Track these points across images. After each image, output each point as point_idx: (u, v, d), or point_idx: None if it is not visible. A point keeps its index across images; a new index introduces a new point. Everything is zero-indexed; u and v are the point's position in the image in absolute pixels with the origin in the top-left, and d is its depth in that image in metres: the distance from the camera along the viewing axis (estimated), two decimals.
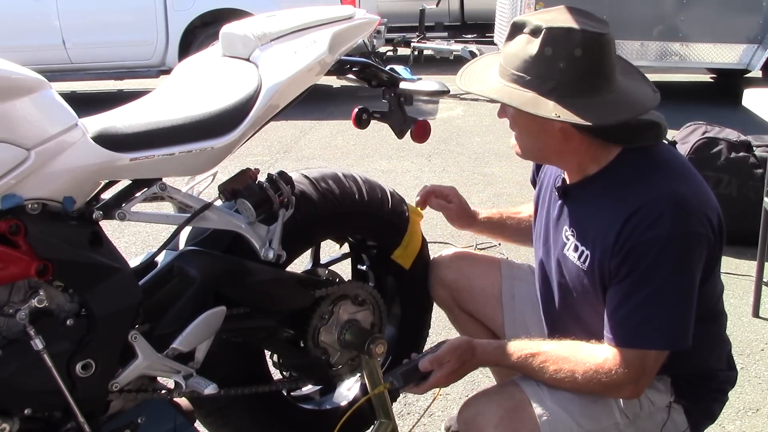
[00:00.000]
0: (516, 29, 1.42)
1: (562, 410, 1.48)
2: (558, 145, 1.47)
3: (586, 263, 1.50)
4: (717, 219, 1.44)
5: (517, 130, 1.51)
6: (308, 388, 2.03)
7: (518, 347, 1.52)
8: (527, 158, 1.59)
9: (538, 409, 1.47)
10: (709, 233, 1.41)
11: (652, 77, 1.58)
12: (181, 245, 1.65)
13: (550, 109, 1.35)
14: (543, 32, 1.36)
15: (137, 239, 3.74)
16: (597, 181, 1.50)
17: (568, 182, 1.57)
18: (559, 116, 1.35)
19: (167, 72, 6.68)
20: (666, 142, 1.52)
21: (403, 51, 8.51)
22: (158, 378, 1.60)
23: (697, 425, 1.62)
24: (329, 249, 2.19)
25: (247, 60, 1.66)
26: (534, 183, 1.83)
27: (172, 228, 1.57)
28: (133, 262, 1.57)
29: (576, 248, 1.52)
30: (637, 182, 1.43)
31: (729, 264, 3.37)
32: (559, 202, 1.59)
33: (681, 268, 1.39)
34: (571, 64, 1.36)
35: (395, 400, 2.11)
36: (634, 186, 1.43)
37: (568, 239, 1.56)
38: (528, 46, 1.38)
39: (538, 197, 1.74)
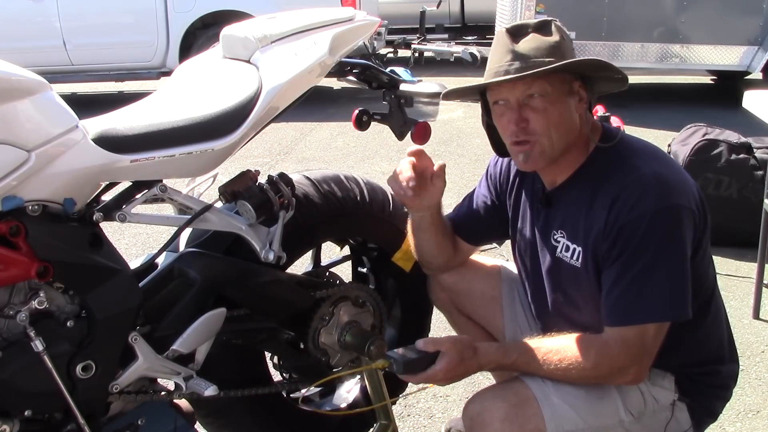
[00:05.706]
0: (518, 31, 1.49)
1: (568, 406, 1.49)
2: (578, 135, 1.52)
3: (580, 260, 1.53)
4: (698, 195, 1.50)
5: (543, 127, 1.47)
6: (308, 390, 2.03)
7: (520, 344, 1.54)
8: (542, 164, 1.53)
9: (543, 405, 1.48)
10: (692, 206, 1.46)
11: (653, 79, 1.62)
12: (182, 247, 1.65)
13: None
14: (553, 24, 1.49)
15: (137, 241, 3.74)
16: (578, 179, 1.55)
17: (548, 189, 1.61)
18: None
19: (168, 74, 6.65)
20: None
21: (403, 53, 8.43)
22: (158, 379, 1.60)
23: (700, 424, 1.64)
24: (330, 251, 2.19)
25: (248, 62, 1.66)
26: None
27: (173, 230, 1.57)
28: (134, 263, 1.57)
29: (567, 248, 1.56)
30: (616, 170, 1.49)
31: (729, 266, 3.37)
32: (543, 211, 1.63)
33: (669, 241, 1.43)
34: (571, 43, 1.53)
35: (395, 403, 2.10)
36: (615, 173, 1.49)
37: (558, 242, 1.59)
38: (546, 38, 1.47)
39: (510, 218, 1.74)
